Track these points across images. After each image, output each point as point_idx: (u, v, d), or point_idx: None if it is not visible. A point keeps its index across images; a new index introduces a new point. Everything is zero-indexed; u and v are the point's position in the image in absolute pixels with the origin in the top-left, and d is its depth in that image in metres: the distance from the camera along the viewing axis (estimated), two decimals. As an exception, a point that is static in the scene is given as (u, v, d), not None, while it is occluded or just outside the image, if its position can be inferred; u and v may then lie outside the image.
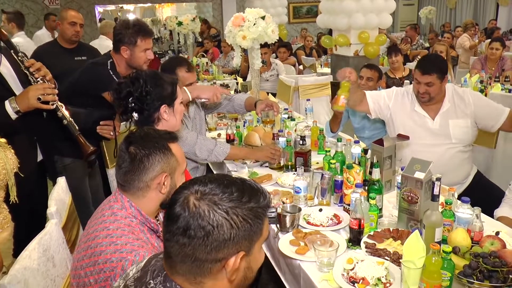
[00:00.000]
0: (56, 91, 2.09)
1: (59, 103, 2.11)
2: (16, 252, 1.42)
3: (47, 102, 2.03)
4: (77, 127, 2.13)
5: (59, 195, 1.86)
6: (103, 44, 6.12)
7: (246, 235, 0.93)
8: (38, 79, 2.05)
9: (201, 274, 0.94)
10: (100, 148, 2.91)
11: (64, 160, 2.59)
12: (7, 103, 1.98)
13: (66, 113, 2.12)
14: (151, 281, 0.98)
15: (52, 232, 1.60)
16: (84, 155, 2.12)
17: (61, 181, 1.99)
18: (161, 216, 1.51)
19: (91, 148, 2.11)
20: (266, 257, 2.03)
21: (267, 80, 5.69)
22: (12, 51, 2.06)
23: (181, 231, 0.91)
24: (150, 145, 1.39)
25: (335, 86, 2.96)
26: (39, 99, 1.99)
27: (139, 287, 0.99)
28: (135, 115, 1.87)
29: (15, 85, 2.12)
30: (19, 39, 4.72)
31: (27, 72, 2.04)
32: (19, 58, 2.04)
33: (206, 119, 3.24)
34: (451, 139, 2.52)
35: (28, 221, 2.24)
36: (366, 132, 3.46)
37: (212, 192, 0.93)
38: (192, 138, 2.35)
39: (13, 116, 1.98)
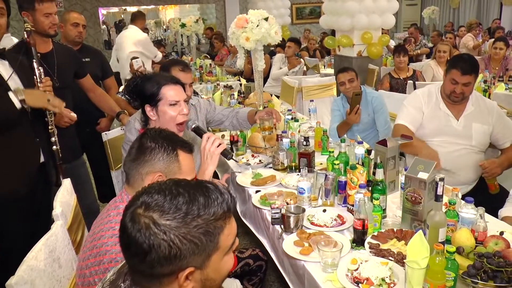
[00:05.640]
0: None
1: (55, 128, 2.24)
2: (23, 253, 1.42)
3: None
4: (61, 157, 2.27)
5: (64, 197, 1.87)
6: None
7: (193, 253, 0.88)
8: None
9: (152, 286, 0.92)
10: (105, 151, 2.93)
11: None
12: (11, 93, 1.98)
13: (57, 142, 2.25)
14: (122, 284, 0.97)
15: (57, 233, 1.61)
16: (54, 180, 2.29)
17: (66, 183, 2.00)
18: None
19: (60, 182, 2.22)
20: (270, 258, 2.04)
21: (296, 74, 5.88)
22: (34, 61, 2.15)
23: (125, 246, 0.90)
24: (159, 142, 1.42)
25: (357, 96, 2.94)
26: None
27: None
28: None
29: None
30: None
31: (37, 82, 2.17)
32: (38, 72, 2.15)
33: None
34: (471, 141, 2.54)
35: (34, 222, 2.25)
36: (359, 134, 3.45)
37: (156, 205, 0.88)
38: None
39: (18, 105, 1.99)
